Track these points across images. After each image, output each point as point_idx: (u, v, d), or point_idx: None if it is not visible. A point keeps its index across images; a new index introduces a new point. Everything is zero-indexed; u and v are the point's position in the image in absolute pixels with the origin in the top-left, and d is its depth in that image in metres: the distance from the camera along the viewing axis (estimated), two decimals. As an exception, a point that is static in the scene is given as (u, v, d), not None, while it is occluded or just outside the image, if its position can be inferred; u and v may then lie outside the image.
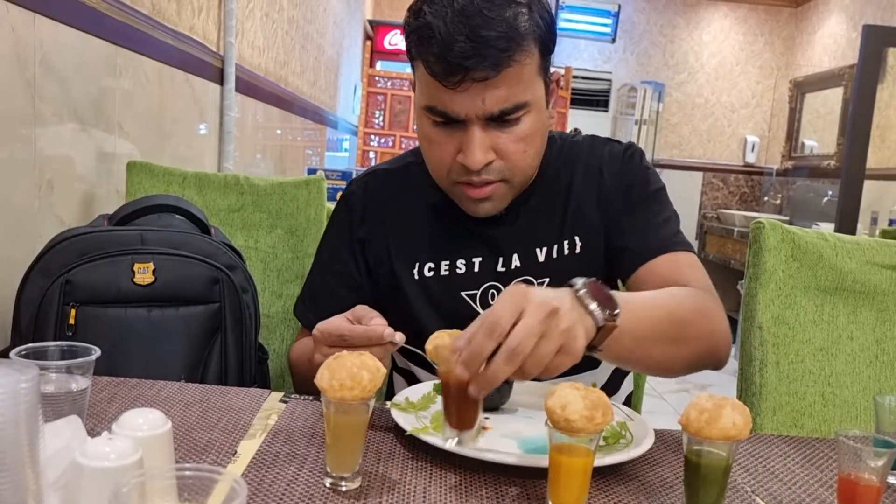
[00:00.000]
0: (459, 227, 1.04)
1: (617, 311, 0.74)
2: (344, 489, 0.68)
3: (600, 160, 1.06)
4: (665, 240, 1.00)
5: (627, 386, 1.15)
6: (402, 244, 1.06)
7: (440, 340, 0.85)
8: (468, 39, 0.84)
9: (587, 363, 1.06)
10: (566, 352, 0.69)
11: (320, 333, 0.83)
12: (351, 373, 0.66)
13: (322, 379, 0.67)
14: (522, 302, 0.68)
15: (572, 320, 0.70)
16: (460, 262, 1.04)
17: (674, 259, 0.99)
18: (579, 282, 0.74)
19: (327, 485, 0.68)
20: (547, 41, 0.92)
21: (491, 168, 0.93)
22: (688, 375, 0.94)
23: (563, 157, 1.07)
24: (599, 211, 1.04)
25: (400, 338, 0.81)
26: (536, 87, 0.93)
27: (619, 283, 1.07)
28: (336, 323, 0.83)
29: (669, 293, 0.90)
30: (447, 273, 1.04)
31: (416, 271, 1.05)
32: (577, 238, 1.03)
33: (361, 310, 0.85)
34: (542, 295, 0.70)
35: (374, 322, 0.82)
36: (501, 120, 0.91)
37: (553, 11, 0.98)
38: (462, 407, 0.69)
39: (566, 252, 1.03)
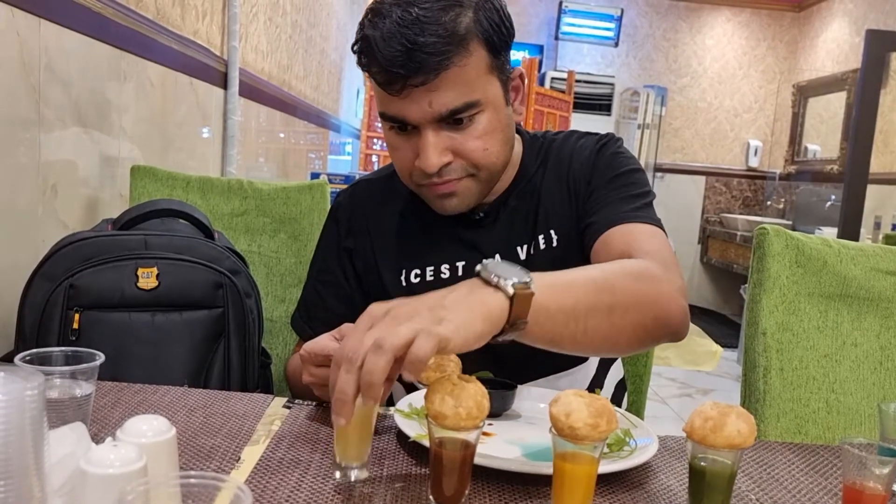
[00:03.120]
0: (442, 232, 1.06)
1: (528, 279, 0.68)
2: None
3: (571, 152, 1.06)
4: (623, 213, 0.97)
5: (613, 377, 1.14)
6: (387, 252, 1.08)
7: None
8: (404, 47, 0.85)
9: (575, 359, 1.06)
10: (422, 333, 0.60)
11: (307, 354, 0.83)
12: (477, 401, 0.63)
13: (444, 405, 0.62)
14: (369, 320, 0.64)
15: (445, 308, 0.64)
16: (444, 267, 1.05)
17: (628, 230, 0.94)
18: (487, 261, 0.70)
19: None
20: (494, 39, 0.92)
21: (451, 168, 0.94)
22: (690, 372, 0.93)
23: (540, 155, 1.08)
24: (570, 202, 1.04)
25: None
26: (488, 86, 0.93)
27: None
28: (322, 343, 0.82)
29: (595, 266, 0.85)
30: (432, 279, 1.05)
31: (402, 278, 1.06)
32: (552, 232, 1.04)
33: (348, 328, 0.83)
34: (387, 304, 0.66)
35: None
36: (454, 121, 0.91)
37: (557, 16, 0.97)
38: (452, 477, 0.65)
39: (542, 247, 1.04)
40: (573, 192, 1.04)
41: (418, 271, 1.05)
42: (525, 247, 1.04)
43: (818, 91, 5.58)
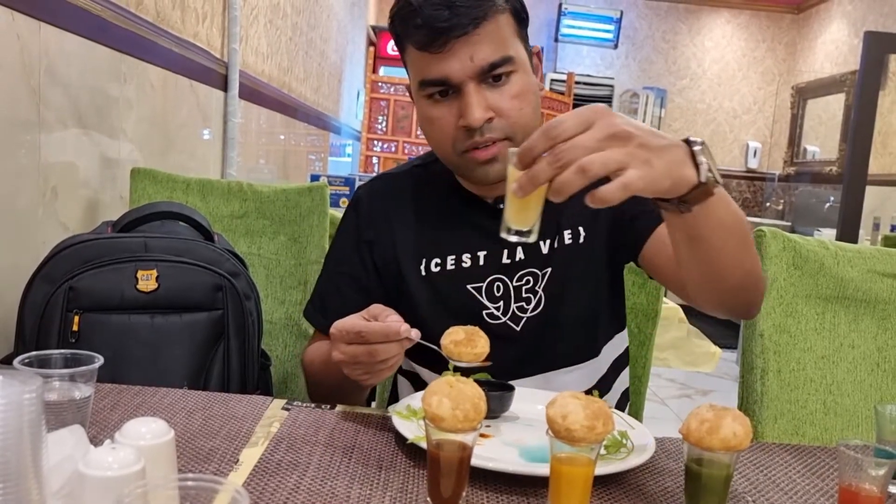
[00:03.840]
0: (464, 221, 1.07)
1: (719, 181, 0.73)
2: None
3: None
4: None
5: (621, 384, 1.15)
6: (407, 243, 1.08)
7: (456, 336, 0.85)
8: (443, 5, 0.92)
9: (586, 353, 1.07)
10: (636, 168, 0.66)
11: (337, 331, 0.84)
12: (474, 403, 0.64)
13: (442, 407, 0.64)
14: (594, 117, 0.68)
15: (654, 153, 0.68)
16: (465, 256, 1.06)
17: None
18: (697, 139, 0.73)
19: None
20: (519, 10, 0.99)
21: (492, 126, 0.96)
22: (689, 374, 0.95)
23: None
24: (600, 209, 1.04)
25: (416, 334, 0.82)
26: (518, 48, 0.98)
27: (633, 263, 1.06)
28: (352, 321, 0.84)
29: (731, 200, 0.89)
30: (453, 267, 1.05)
31: (422, 267, 1.07)
32: (580, 228, 1.05)
33: (377, 308, 0.86)
34: (622, 119, 0.69)
35: (390, 319, 0.83)
36: (492, 78, 0.95)
37: (556, 18, 1.00)
38: (450, 479, 0.66)
39: (568, 242, 1.05)
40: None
41: (438, 260, 1.06)
42: (548, 241, 1.05)
43: (817, 93, 5.59)
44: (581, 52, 6.18)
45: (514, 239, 0.75)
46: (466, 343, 0.85)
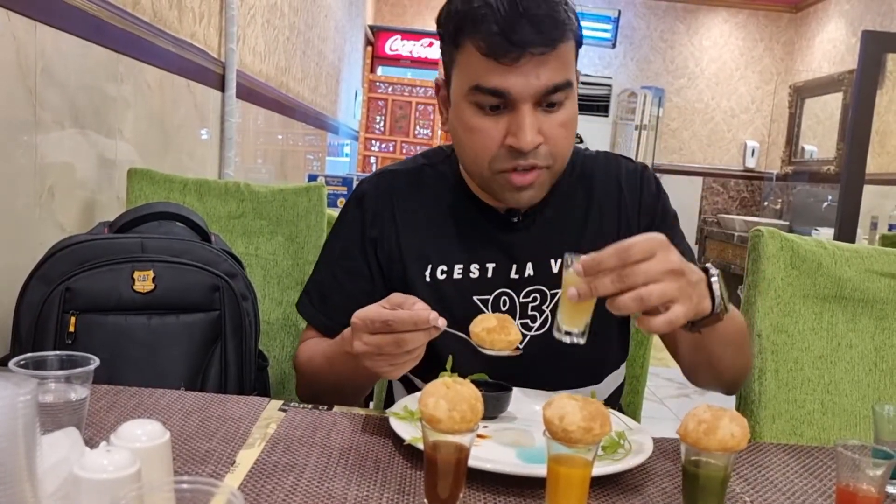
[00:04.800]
0: (474, 231, 1.05)
1: (728, 308, 0.83)
2: None
3: (618, 177, 1.08)
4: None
5: (616, 378, 1.15)
6: (413, 245, 1.06)
7: (487, 323, 0.85)
8: (524, 17, 0.89)
9: (588, 378, 1.06)
10: (682, 304, 0.75)
11: (360, 321, 0.82)
12: (471, 404, 0.64)
13: (438, 408, 0.64)
14: (658, 249, 0.75)
15: (693, 288, 0.77)
16: (474, 267, 1.04)
17: None
18: (714, 270, 0.83)
19: None
20: (580, 37, 0.97)
21: (538, 152, 0.94)
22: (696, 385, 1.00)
23: (578, 168, 1.08)
24: (619, 229, 1.05)
25: (443, 322, 0.81)
26: (574, 74, 0.97)
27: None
28: (376, 310, 0.82)
29: (737, 313, 0.97)
30: (460, 277, 1.03)
31: (427, 273, 1.04)
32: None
33: (399, 297, 0.84)
34: (677, 255, 0.77)
35: (417, 307, 0.82)
36: (548, 103, 0.93)
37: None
38: (447, 480, 0.66)
39: None
40: (626, 220, 1.06)
41: (445, 268, 1.04)
42: (560, 261, 1.03)
43: (815, 92, 5.59)
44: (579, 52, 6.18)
45: (567, 340, 0.80)
46: (500, 330, 0.84)
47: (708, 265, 0.83)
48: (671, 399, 3.73)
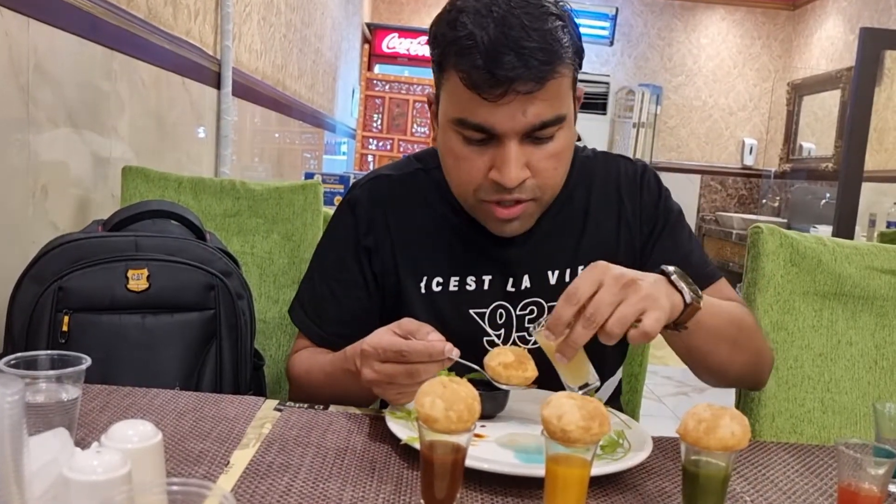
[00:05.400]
0: (471, 243, 1.01)
1: (700, 296, 0.81)
2: None
3: (617, 180, 1.05)
4: (703, 269, 1.01)
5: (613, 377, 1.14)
6: (408, 256, 1.03)
7: (504, 357, 0.83)
8: (513, 51, 0.82)
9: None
10: (653, 308, 0.75)
11: (372, 349, 0.80)
12: (468, 404, 0.63)
13: (435, 408, 0.63)
14: (600, 276, 0.75)
15: (655, 289, 0.77)
16: (470, 280, 1.01)
17: (717, 290, 1.01)
18: (671, 268, 0.82)
19: None
20: (581, 55, 0.91)
21: (524, 186, 0.90)
22: (686, 370, 0.97)
23: (574, 173, 1.03)
24: (619, 236, 1.03)
25: (456, 353, 0.80)
26: (570, 103, 0.92)
27: None
28: (389, 338, 0.80)
29: (730, 303, 0.97)
30: (456, 289, 1.01)
31: (423, 285, 1.02)
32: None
33: (411, 323, 0.82)
34: (620, 269, 0.77)
35: (430, 337, 0.80)
36: (536, 137, 0.89)
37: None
38: (443, 481, 0.65)
39: None
40: (626, 225, 1.03)
41: (440, 280, 1.01)
42: (558, 272, 1.01)
43: (813, 89, 5.59)
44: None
45: (583, 392, 0.80)
46: (517, 366, 0.82)
47: (663, 266, 0.82)
48: (670, 397, 3.73)
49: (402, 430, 0.79)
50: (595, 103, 5.81)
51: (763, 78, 6.30)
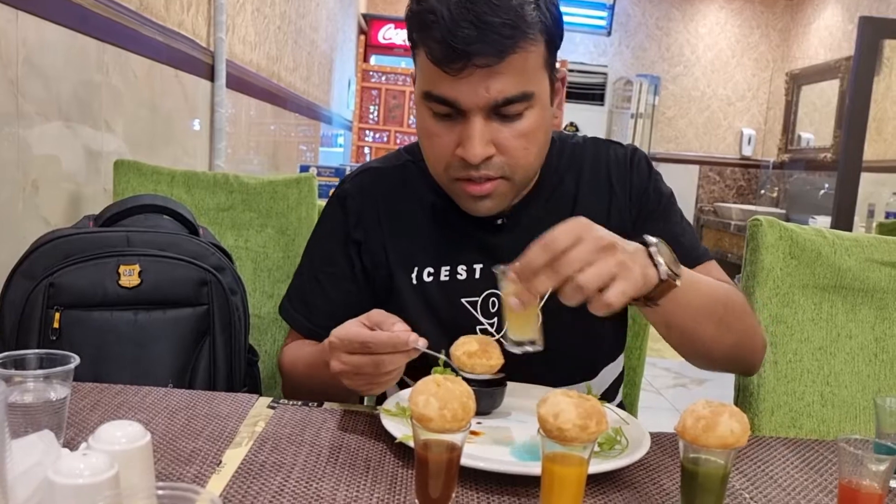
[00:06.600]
0: (460, 232, 1.01)
1: (679, 272, 0.79)
2: None
3: (607, 166, 1.04)
4: (693, 250, 1.00)
5: (615, 392, 1.13)
6: (399, 247, 1.03)
7: (469, 346, 0.82)
8: (472, 25, 0.83)
9: (582, 375, 1.04)
10: (623, 279, 0.72)
11: (339, 341, 0.79)
12: (462, 402, 0.62)
13: (429, 407, 0.62)
14: (582, 231, 0.73)
15: (631, 259, 0.74)
16: (461, 269, 1.01)
17: (706, 270, 0.99)
18: (653, 239, 0.79)
19: None
20: (553, 34, 0.90)
21: (491, 163, 0.90)
22: (684, 362, 0.95)
23: (564, 160, 1.04)
24: (609, 221, 1.00)
25: (423, 343, 0.78)
26: (541, 81, 0.91)
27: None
28: (355, 329, 0.79)
29: (717, 282, 0.93)
30: (447, 279, 1.00)
31: (414, 276, 1.01)
32: None
33: (379, 315, 0.81)
34: (603, 231, 0.74)
35: (396, 328, 0.79)
36: (504, 114, 0.88)
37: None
38: (438, 480, 0.64)
39: None
40: (617, 210, 1.02)
41: (432, 270, 1.01)
42: None
43: (811, 79, 5.57)
44: (574, 40, 6.13)
45: (519, 351, 0.78)
46: (481, 354, 0.82)
47: (646, 236, 0.79)
48: (668, 389, 3.73)
49: (397, 427, 0.78)
50: (593, 94, 5.78)
51: (761, 68, 6.28)
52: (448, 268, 1.01)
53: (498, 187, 0.93)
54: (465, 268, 1.01)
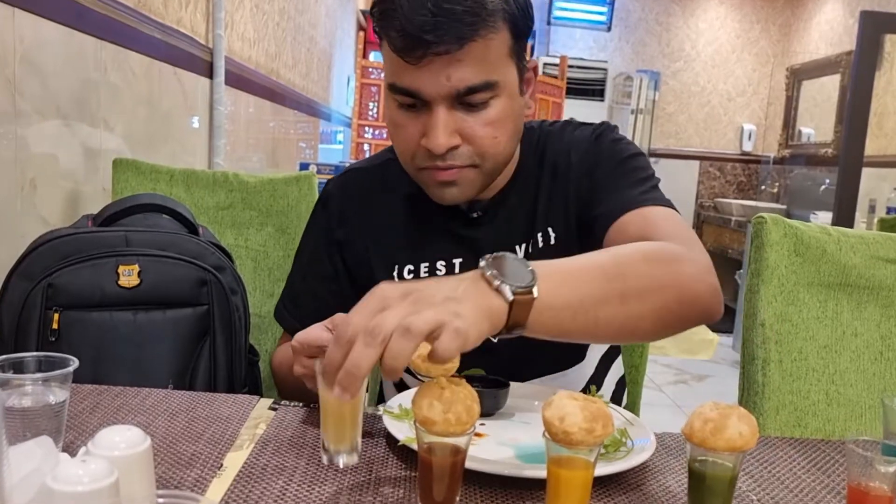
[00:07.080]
0: (439, 227, 1.02)
1: (531, 282, 0.66)
2: None
3: (569, 145, 1.02)
4: (634, 197, 0.93)
5: (615, 374, 1.12)
6: (380, 245, 1.04)
7: (423, 349, 0.80)
8: (431, 13, 0.82)
9: (572, 358, 1.04)
10: (452, 323, 0.59)
11: (299, 345, 0.80)
12: (467, 405, 0.60)
13: (433, 411, 0.60)
14: (382, 296, 0.61)
15: (460, 297, 0.62)
16: (440, 264, 1.01)
17: (642, 215, 0.90)
18: (485, 260, 0.66)
19: None
20: (518, 23, 0.89)
21: (457, 153, 0.90)
22: (686, 359, 0.91)
23: (537, 148, 1.04)
24: (569, 198, 1.00)
25: None
26: (507, 70, 0.90)
27: None
28: (315, 333, 0.80)
29: (607, 251, 0.81)
30: (427, 274, 1.01)
31: (395, 274, 1.02)
32: (549, 229, 1.00)
33: (341, 318, 0.80)
34: (409, 284, 0.63)
35: None
36: (468, 103, 0.87)
37: (549, 0, 0.93)
38: (442, 484, 0.63)
39: (541, 245, 1.00)
40: (573, 186, 1.00)
41: (412, 267, 1.02)
42: (524, 245, 1.00)
43: (812, 74, 5.55)
44: (574, 35, 6.12)
45: (342, 463, 0.72)
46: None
47: (481, 260, 0.66)
48: (669, 386, 3.72)
49: (400, 429, 0.77)
50: (593, 89, 5.76)
51: (762, 63, 6.26)
52: (427, 264, 1.01)
53: (464, 175, 0.92)
54: (444, 263, 1.01)
